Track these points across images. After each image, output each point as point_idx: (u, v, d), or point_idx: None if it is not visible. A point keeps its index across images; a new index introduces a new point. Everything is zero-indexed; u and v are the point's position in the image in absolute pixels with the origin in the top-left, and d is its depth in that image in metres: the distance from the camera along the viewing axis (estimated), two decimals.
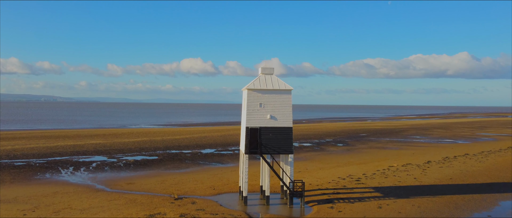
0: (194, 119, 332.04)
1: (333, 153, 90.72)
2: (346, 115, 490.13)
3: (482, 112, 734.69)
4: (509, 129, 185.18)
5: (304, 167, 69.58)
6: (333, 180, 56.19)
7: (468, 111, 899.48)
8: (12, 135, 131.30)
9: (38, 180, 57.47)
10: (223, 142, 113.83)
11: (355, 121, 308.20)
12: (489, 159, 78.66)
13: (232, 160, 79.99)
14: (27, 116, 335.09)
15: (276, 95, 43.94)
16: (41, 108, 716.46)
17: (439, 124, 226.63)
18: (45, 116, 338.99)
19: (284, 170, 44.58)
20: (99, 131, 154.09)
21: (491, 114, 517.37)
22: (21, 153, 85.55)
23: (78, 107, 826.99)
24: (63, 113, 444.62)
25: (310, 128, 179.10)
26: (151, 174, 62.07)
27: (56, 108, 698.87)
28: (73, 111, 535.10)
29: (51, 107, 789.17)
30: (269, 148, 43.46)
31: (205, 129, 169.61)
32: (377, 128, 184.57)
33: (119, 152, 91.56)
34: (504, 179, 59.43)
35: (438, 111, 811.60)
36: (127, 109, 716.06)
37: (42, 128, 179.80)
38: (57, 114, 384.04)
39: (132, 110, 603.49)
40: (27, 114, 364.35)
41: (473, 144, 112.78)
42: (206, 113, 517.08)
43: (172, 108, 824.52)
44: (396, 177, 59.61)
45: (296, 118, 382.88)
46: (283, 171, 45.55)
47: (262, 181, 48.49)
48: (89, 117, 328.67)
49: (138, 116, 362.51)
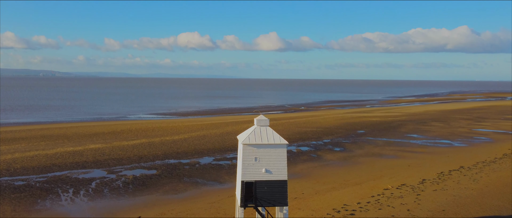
0: (193, 103, 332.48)
1: (329, 166, 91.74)
2: (346, 96, 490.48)
3: (482, 90, 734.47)
4: (506, 123, 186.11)
5: (300, 190, 70.68)
6: (328, 215, 57.26)
7: (468, 88, 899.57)
8: (12, 134, 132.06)
9: (39, 212, 58.52)
10: (222, 146, 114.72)
11: (354, 106, 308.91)
12: (483, 177, 79.68)
13: (229, 176, 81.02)
14: (26, 100, 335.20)
15: (271, 149, 44.33)
16: (40, 86, 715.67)
17: (437, 114, 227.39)
18: (44, 100, 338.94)
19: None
20: (98, 127, 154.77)
21: (490, 95, 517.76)
22: (20, 167, 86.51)
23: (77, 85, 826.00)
24: (62, 94, 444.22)
25: (308, 122, 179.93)
26: (150, 203, 63.14)
27: (55, 87, 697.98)
28: (72, 91, 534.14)
29: (50, 85, 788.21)
30: (264, 201, 44.21)
31: (203, 123, 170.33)
32: (375, 121, 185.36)
33: (117, 163, 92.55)
34: (496, 210, 60.52)
35: (437, 89, 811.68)
36: (125, 88, 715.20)
37: (41, 121, 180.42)
38: (56, 97, 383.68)
39: (130, 90, 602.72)
40: (27, 98, 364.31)
41: (469, 150, 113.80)
42: (205, 94, 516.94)
43: (171, 87, 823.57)
44: (390, 207, 60.72)
45: (295, 100, 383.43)
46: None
47: None
48: (88, 102, 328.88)
49: (137, 100, 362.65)
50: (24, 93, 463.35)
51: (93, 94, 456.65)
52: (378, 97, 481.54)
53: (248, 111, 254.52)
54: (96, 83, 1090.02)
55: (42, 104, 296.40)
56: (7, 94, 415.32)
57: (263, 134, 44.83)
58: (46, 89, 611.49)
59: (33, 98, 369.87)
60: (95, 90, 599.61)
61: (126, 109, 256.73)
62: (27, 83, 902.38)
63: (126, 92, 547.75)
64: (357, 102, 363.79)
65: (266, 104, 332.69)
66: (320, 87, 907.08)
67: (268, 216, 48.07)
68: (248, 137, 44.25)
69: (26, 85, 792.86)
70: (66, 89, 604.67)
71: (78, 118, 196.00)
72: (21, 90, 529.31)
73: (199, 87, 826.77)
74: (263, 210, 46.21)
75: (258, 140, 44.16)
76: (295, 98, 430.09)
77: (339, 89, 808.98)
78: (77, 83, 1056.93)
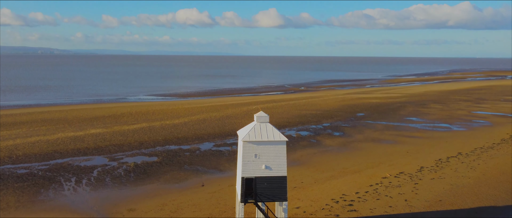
0: (192, 83, 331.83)
1: (329, 152, 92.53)
2: (346, 75, 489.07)
3: (483, 68, 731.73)
4: (506, 104, 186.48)
5: (299, 179, 71.58)
6: (327, 205, 58.24)
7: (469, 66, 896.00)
8: (13, 118, 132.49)
9: (42, 203, 59.46)
10: (222, 131, 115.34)
11: (354, 86, 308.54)
12: (481, 164, 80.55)
13: (229, 164, 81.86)
14: (26, 79, 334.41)
15: (271, 146, 44.73)
16: (38, 65, 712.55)
17: (437, 95, 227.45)
18: (44, 80, 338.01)
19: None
20: (98, 110, 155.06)
21: (490, 74, 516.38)
22: (22, 154, 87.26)
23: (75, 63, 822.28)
24: (61, 73, 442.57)
25: (308, 104, 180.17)
26: (151, 193, 64.04)
27: (53, 65, 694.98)
28: (71, 70, 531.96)
29: (48, 63, 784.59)
30: (264, 196, 44.93)
31: (203, 106, 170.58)
32: (374, 103, 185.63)
33: (118, 149, 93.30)
34: (492, 200, 61.50)
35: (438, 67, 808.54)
36: (124, 66, 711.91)
37: (41, 103, 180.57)
38: (55, 77, 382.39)
39: (129, 69, 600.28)
40: (26, 77, 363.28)
41: (468, 134, 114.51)
42: (204, 72, 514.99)
43: (170, 65, 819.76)
44: (388, 197, 61.66)
45: (294, 80, 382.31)
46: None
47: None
48: (87, 82, 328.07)
49: (136, 80, 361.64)
50: (23, 72, 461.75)
51: (92, 74, 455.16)
52: (378, 76, 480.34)
53: (247, 92, 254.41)
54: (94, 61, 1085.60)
55: (42, 84, 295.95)
56: (7, 74, 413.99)
57: (262, 131, 45.14)
58: (45, 68, 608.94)
59: (32, 78, 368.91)
60: (94, 69, 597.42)
61: (125, 90, 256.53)
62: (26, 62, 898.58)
63: (125, 71, 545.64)
64: (357, 82, 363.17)
65: (265, 83, 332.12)
66: (320, 65, 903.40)
67: (268, 211, 48.95)
68: (248, 134, 44.59)
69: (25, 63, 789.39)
70: (65, 68, 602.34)
71: (78, 100, 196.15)
72: (20, 69, 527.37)
73: (198, 65, 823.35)
74: (263, 205, 47.00)
75: (258, 137, 44.51)
76: (294, 78, 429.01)
77: (339, 67, 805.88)
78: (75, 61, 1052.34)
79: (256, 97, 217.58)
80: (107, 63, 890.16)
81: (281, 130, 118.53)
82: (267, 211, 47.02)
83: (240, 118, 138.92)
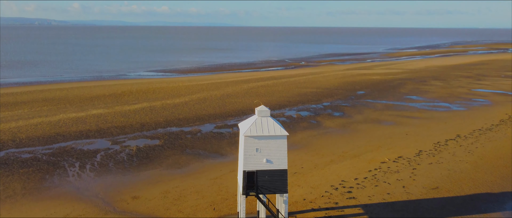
0: (192, 57, 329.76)
1: (329, 134, 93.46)
2: (347, 48, 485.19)
3: (485, 40, 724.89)
4: (506, 81, 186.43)
5: (299, 164, 72.75)
6: (326, 192, 59.55)
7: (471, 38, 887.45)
8: (14, 98, 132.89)
9: (48, 190, 60.76)
10: (222, 111, 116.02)
11: (355, 60, 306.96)
12: (478, 148, 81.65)
13: (230, 147, 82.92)
14: (24, 54, 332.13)
15: (272, 141, 45.38)
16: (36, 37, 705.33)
17: (438, 71, 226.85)
18: (43, 54, 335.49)
19: (279, 210, 47.59)
20: (98, 88, 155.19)
21: (492, 46, 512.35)
22: (26, 137, 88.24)
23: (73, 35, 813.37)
24: (60, 47, 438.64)
25: (308, 81, 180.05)
26: (154, 179, 65.29)
27: (51, 38, 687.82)
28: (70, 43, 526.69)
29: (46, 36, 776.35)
30: (265, 189, 45.98)
31: (203, 83, 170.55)
32: (375, 80, 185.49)
33: (120, 131, 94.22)
34: (488, 186, 62.80)
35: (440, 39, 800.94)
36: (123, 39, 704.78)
37: (41, 80, 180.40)
38: (53, 50, 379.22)
39: (128, 41, 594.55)
40: (25, 51, 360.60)
41: (467, 115, 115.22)
42: (204, 45, 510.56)
43: (169, 38, 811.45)
44: (386, 184, 62.93)
45: (295, 54, 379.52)
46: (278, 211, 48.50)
47: (260, 213, 51.34)
48: (86, 56, 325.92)
49: (135, 54, 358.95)
50: (21, 45, 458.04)
51: (90, 47, 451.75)
52: (379, 49, 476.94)
53: (248, 67, 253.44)
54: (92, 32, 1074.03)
55: (40, 58, 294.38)
56: (4, 47, 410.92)
57: (264, 125, 45.68)
58: (42, 40, 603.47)
59: (31, 52, 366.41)
60: (92, 42, 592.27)
61: (125, 66, 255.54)
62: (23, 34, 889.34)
63: (124, 44, 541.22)
64: (358, 56, 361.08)
65: (266, 58, 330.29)
66: (321, 37, 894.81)
67: (269, 203, 50.14)
68: (249, 129, 45.15)
69: (22, 35, 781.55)
70: (63, 41, 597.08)
71: (78, 77, 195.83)
72: (17, 42, 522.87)
73: (198, 38, 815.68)
74: (264, 197, 48.16)
75: (259, 131, 45.09)
76: (295, 51, 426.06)
77: (340, 39, 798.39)
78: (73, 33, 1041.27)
79: (256, 73, 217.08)
80: (105, 35, 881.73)
81: (282, 110, 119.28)
82: (268, 203, 48.22)
83: (240, 97, 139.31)
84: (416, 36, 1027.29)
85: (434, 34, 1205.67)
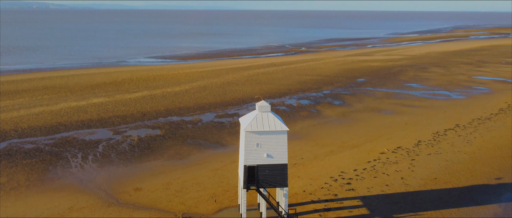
0: (191, 42, 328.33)
1: (328, 124, 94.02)
2: (347, 33, 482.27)
3: (486, 24, 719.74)
4: (506, 68, 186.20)
5: (299, 154, 73.48)
6: (326, 184, 60.40)
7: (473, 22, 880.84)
8: (14, 86, 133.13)
9: (51, 182, 61.61)
10: (223, 100, 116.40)
11: (356, 46, 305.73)
12: (477, 138, 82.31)
13: (230, 138, 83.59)
14: (23, 39, 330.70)
15: (272, 136, 45.90)
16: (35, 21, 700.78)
17: (438, 57, 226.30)
18: (41, 39, 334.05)
19: (279, 203, 48.45)
20: (99, 75, 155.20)
21: (494, 31, 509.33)
22: (28, 127, 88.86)
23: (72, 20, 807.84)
24: (58, 32, 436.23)
25: (309, 68, 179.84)
26: (156, 171, 66.09)
27: (50, 22, 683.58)
28: (68, 28, 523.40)
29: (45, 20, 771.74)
30: (265, 182, 46.73)
31: (203, 70, 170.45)
32: (375, 67, 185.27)
33: (122, 121, 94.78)
34: (485, 178, 63.63)
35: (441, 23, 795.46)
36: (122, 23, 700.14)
37: (41, 67, 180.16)
38: (52, 36, 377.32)
39: (127, 26, 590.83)
40: (23, 37, 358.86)
41: (466, 103, 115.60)
42: (203, 30, 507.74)
43: (168, 22, 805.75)
44: (384, 175, 63.77)
45: (295, 39, 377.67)
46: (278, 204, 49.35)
47: (260, 206, 52.14)
48: (85, 41, 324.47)
49: (135, 39, 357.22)
50: (19, 30, 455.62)
51: (89, 31, 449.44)
52: (380, 34, 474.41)
53: (248, 53, 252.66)
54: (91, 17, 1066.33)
55: (40, 44, 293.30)
56: (4, 33, 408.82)
57: (264, 120, 46.13)
58: (41, 25, 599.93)
59: (30, 37, 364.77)
60: (91, 26, 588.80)
61: (124, 52, 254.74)
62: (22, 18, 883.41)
63: (123, 28, 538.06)
64: (359, 41, 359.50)
65: (266, 43, 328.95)
66: (321, 21, 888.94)
67: (269, 196, 50.91)
68: (250, 124, 45.62)
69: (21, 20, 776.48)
70: (62, 25, 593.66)
71: (78, 64, 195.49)
72: (16, 27, 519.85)
73: (197, 22, 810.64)
74: (264, 191, 48.97)
75: (260, 127, 45.58)
76: (295, 36, 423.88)
77: (341, 23, 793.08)
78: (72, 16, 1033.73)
79: (256, 59, 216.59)
80: (104, 20, 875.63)
81: (282, 99, 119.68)
82: (268, 196, 49.04)
83: (241, 84, 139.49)
84: (417, 20, 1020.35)
85: (436, 18, 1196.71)
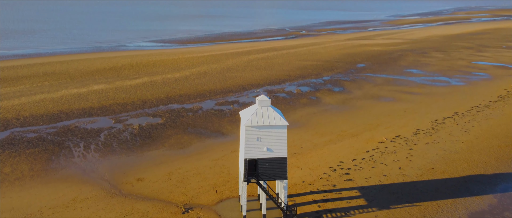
0: (191, 25, 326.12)
1: (328, 112, 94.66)
2: (348, 15, 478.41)
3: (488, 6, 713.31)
4: (507, 52, 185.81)
5: (299, 144, 74.35)
6: (325, 174, 61.43)
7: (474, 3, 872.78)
8: (14, 72, 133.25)
9: (55, 172, 62.60)
10: (223, 87, 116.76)
11: (356, 29, 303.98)
12: (475, 126, 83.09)
13: (231, 126, 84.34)
14: (21, 22, 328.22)
15: (272, 130, 46.55)
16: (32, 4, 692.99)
17: (439, 41, 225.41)
18: (40, 23, 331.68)
19: (278, 195, 49.45)
20: (98, 61, 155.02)
21: (496, 13, 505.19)
22: (29, 115, 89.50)
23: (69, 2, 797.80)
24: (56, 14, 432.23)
25: (309, 52, 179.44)
26: (158, 160, 67.04)
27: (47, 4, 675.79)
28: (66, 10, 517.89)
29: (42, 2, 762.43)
30: (265, 176, 47.63)
31: (203, 55, 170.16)
32: (375, 51, 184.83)
33: (122, 108, 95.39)
34: (482, 167, 64.64)
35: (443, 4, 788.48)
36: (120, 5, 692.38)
37: (41, 52, 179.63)
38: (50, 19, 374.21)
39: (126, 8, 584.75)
40: (21, 19, 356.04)
41: (466, 90, 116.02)
42: (202, 12, 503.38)
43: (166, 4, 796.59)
44: (383, 165, 64.75)
45: (295, 22, 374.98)
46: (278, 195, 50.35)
47: (260, 197, 53.15)
48: (84, 24, 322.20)
49: (134, 22, 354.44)
50: (17, 12, 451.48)
51: (87, 14, 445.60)
52: (381, 16, 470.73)
53: (247, 37, 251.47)
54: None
55: (38, 28, 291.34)
56: (1, 16, 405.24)
57: (264, 115, 46.71)
58: (39, 7, 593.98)
59: (28, 20, 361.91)
60: (89, 8, 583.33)
61: (123, 35, 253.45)
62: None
63: (121, 10, 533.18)
64: (359, 24, 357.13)
65: (266, 26, 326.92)
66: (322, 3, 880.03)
67: (269, 189, 51.91)
68: (250, 118, 46.21)
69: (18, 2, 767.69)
70: (60, 8, 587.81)
71: (77, 48, 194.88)
72: (13, 10, 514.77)
73: (195, 4, 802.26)
74: (264, 183, 49.92)
75: (260, 121, 46.19)
76: (295, 19, 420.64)
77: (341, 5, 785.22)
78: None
79: (256, 43, 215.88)
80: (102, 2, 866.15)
81: (282, 85, 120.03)
82: (268, 188, 50.03)
83: (241, 70, 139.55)
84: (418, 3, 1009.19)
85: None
